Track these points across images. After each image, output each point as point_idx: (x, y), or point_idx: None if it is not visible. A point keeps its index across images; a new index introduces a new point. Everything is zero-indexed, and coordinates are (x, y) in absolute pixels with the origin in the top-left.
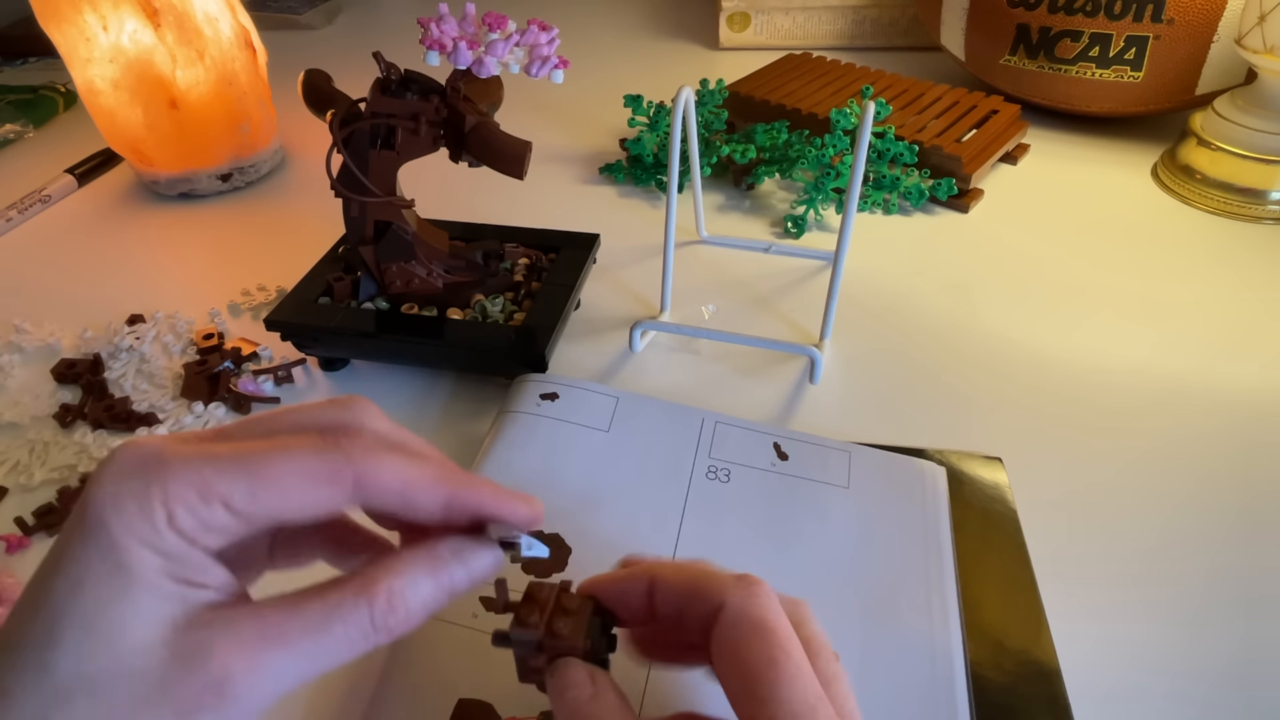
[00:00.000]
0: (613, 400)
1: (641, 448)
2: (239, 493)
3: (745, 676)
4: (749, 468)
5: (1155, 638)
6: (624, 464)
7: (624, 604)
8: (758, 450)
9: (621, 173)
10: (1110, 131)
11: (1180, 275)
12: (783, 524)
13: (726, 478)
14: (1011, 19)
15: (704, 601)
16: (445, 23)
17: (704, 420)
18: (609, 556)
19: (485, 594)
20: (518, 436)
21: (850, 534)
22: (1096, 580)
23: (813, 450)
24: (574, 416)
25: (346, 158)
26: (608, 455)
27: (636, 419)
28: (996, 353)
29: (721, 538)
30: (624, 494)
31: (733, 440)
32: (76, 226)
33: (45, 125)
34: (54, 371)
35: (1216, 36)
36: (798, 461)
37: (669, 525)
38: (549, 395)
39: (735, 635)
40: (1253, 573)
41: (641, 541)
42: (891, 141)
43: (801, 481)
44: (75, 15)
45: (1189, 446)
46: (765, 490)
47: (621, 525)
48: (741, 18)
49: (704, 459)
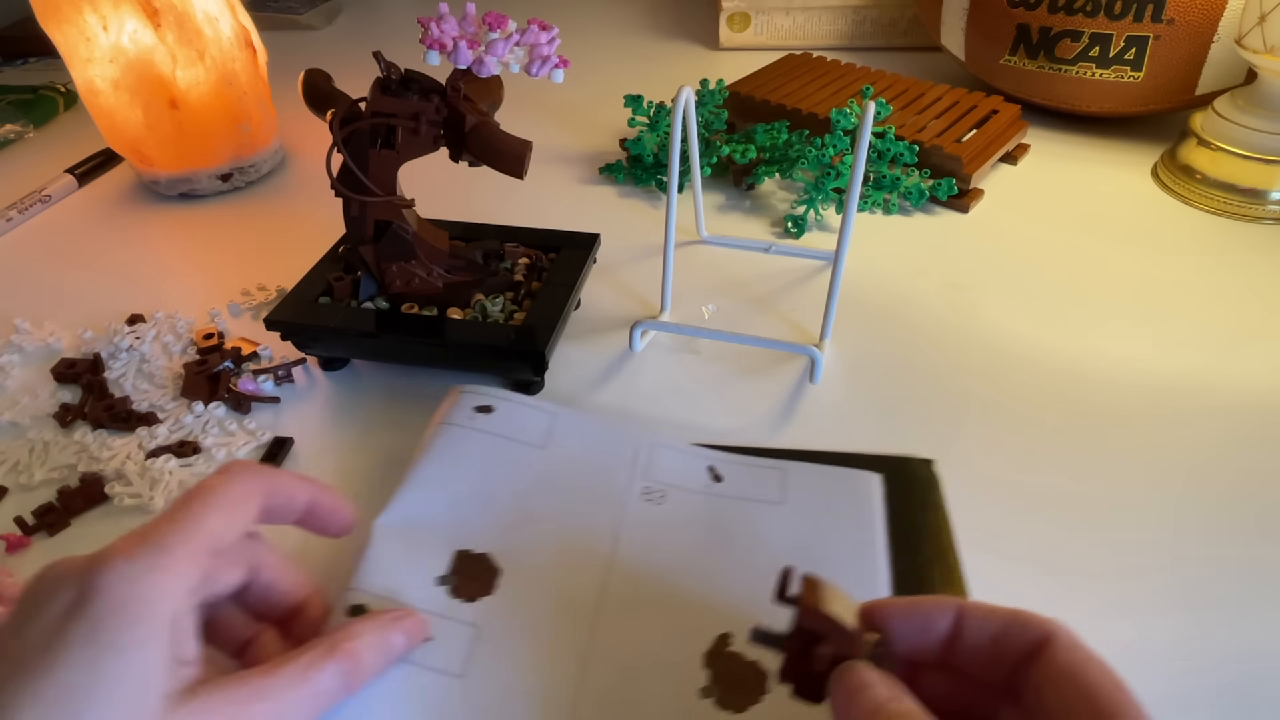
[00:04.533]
0: (550, 416)
1: (577, 466)
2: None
3: (1094, 696)
4: (684, 489)
5: (1156, 638)
6: (558, 483)
7: (924, 628)
8: (693, 473)
9: (621, 173)
10: (1110, 131)
11: (1180, 275)
12: (718, 543)
13: (661, 500)
14: (1011, 19)
15: (1027, 630)
16: (445, 22)
17: (640, 441)
18: (541, 579)
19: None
20: (449, 450)
21: (784, 551)
22: (1097, 579)
23: (748, 470)
24: (509, 431)
25: (346, 157)
26: (542, 473)
27: (573, 437)
28: (996, 352)
29: (657, 558)
30: (557, 514)
31: (668, 462)
32: (76, 226)
33: (45, 125)
34: (54, 371)
35: (1216, 36)
36: (733, 482)
37: (602, 547)
38: (484, 408)
39: (1076, 659)
40: (1254, 572)
41: (575, 563)
42: (891, 141)
43: (736, 502)
44: (75, 15)
45: (1189, 446)
46: (701, 512)
47: (553, 546)
48: (741, 18)
49: (639, 480)
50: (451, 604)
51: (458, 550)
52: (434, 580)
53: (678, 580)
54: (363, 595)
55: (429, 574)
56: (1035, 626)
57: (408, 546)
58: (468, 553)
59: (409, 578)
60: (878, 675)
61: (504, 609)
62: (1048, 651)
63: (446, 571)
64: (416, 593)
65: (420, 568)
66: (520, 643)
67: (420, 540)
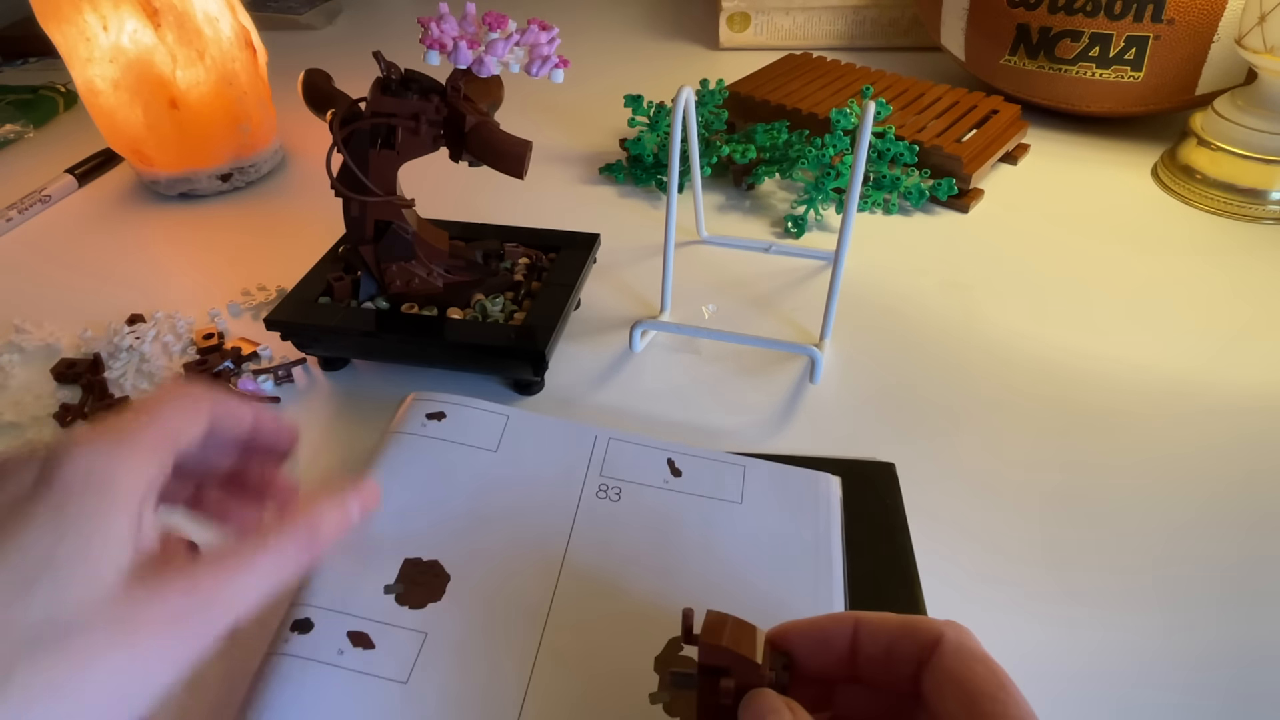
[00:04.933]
0: (502, 419)
1: (530, 468)
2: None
3: (973, 699)
4: (641, 485)
5: (1156, 638)
6: (511, 485)
7: (824, 645)
8: (651, 467)
9: (621, 173)
10: (1110, 131)
11: (1180, 275)
12: (673, 543)
13: (618, 496)
14: (1011, 19)
15: (919, 636)
16: (445, 22)
17: (596, 437)
18: (491, 583)
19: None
20: (400, 459)
21: (740, 551)
22: (1097, 578)
23: (707, 465)
24: (461, 436)
25: (346, 157)
26: (494, 476)
27: (526, 438)
28: (996, 352)
29: (609, 559)
30: (510, 517)
31: (626, 457)
32: (76, 226)
33: (45, 125)
34: (54, 371)
35: (1216, 36)
36: (691, 478)
37: (554, 547)
38: (435, 415)
39: (959, 662)
40: (1254, 572)
41: (526, 567)
42: (892, 141)
43: (693, 499)
44: (75, 15)
45: (1189, 446)
46: (656, 509)
47: (504, 550)
48: (741, 18)
49: (595, 477)
50: (398, 611)
51: (406, 559)
52: (382, 589)
53: (631, 581)
54: (310, 610)
55: (378, 582)
56: (925, 632)
57: (355, 558)
58: (417, 561)
59: (356, 587)
60: (781, 700)
61: (452, 615)
62: (935, 656)
63: (394, 580)
64: (364, 601)
65: (368, 577)
66: (468, 649)
67: (368, 550)
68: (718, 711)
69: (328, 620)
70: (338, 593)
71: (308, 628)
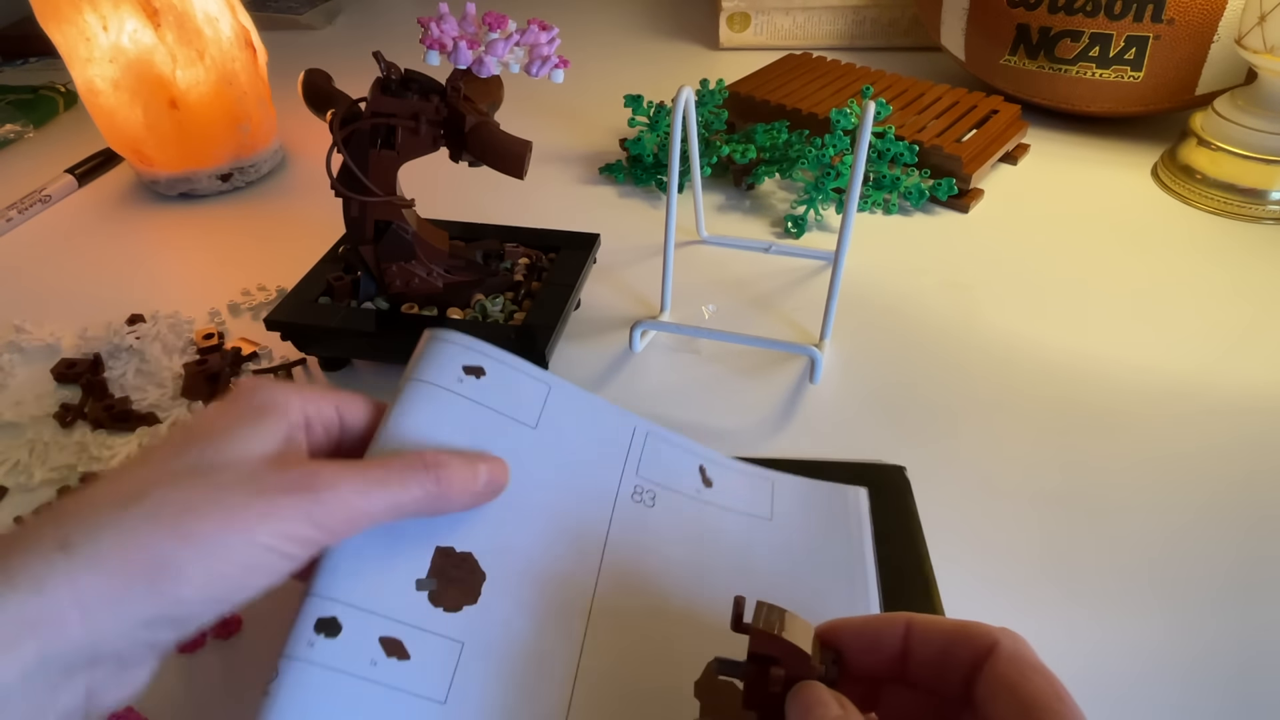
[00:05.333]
0: (544, 389)
1: (569, 455)
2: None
3: (1029, 708)
4: (674, 492)
5: (1156, 638)
6: (548, 473)
7: (875, 644)
8: (684, 472)
9: (621, 173)
10: (1110, 131)
11: (1180, 275)
12: (706, 561)
13: (652, 501)
14: (1011, 19)
15: (973, 642)
16: (445, 22)
17: (635, 429)
18: (527, 588)
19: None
20: (428, 415)
21: (773, 567)
22: (1098, 578)
23: (736, 477)
24: (500, 404)
25: (346, 157)
26: (532, 459)
27: (566, 417)
28: (996, 352)
29: (645, 572)
30: (545, 511)
31: (661, 457)
32: (76, 226)
33: (45, 125)
34: (54, 371)
35: (1216, 36)
36: (722, 488)
37: (591, 552)
38: (474, 369)
39: (1015, 671)
40: (1254, 572)
41: (563, 572)
42: (891, 141)
43: (725, 513)
44: (75, 15)
45: (1190, 446)
46: (689, 520)
47: (540, 550)
48: (741, 18)
49: (631, 477)
50: (433, 615)
51: (438, 547)
52: (414, 584)
53: (667, 598)
54: (335, 606)
55: (408, 574)
56: (980, 637)
57: (382, 535)
58: (449, 551)
59: (384, 578)
60: (830, 694)
61: (489, 623)
62: (990, 662)
63: (425, 573)
64: (395, 599)
65: (397, 566)
66: (505, 666)
67: (394, 532)
68: (765, 700)
69: (357, 621)
70: (365, 584)
71: (336, 629)
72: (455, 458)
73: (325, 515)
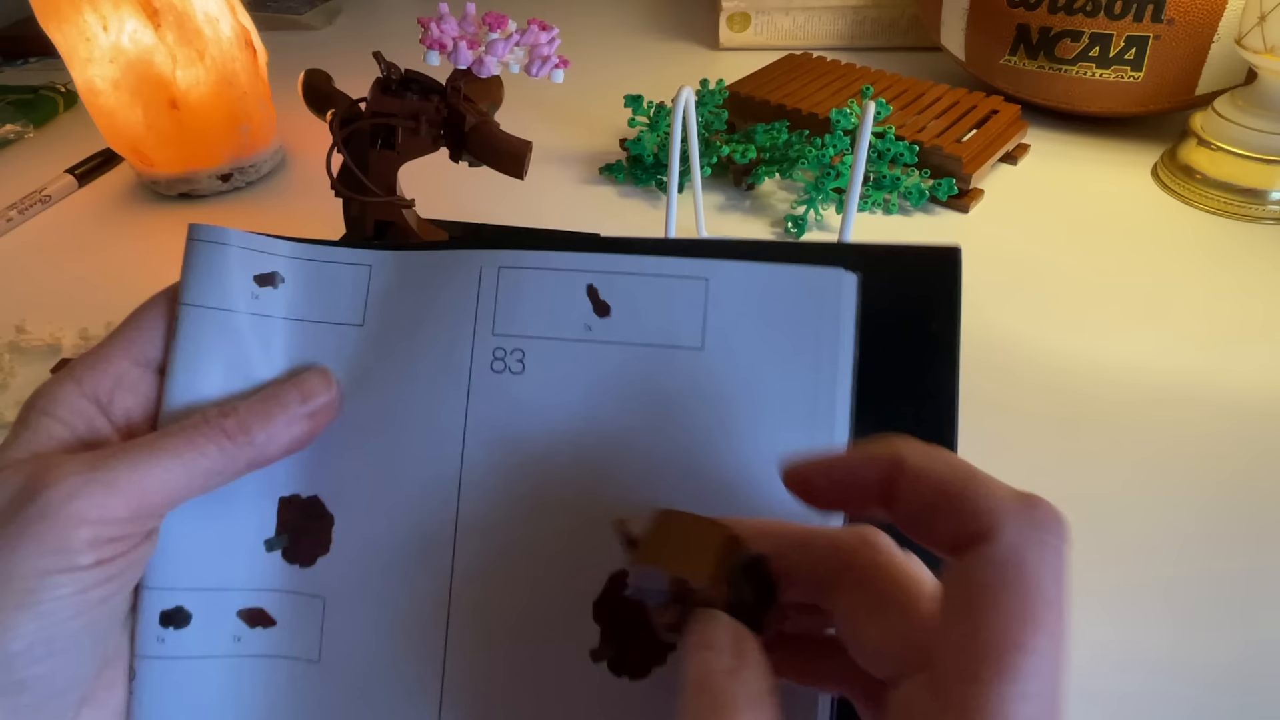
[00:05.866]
0: (364, 272)
1: (406, 341)
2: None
3: (974, 645)
4: (551, 340)
5: (1155, 638)
6: (385, 369)
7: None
8: (563, 305)
9: (621, 173)
10: (1110, 131)
11: (1180, 275)
12: (604, 433)
13: (520, 365)
14: (1011, 19)
15: (970, 518)
16: (445, 22)
17: (482, 269)
18: (380, 520)
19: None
20: (223, 353)
21: (704, 426)
22: (1098, 582)
23: (648, 289)
24: (311, 310)
25: (346, 158)
26: (362, 363)
27: (399, 295)
28: (996, 352)
29: (517, 462)
30: (387, 418)
31: (526, 294)
32: (76, 226)
33: (45, 125)
34: (54, 371)
35: (1216, 36)
36: (625, 314)
37: (447, 457)
38: (267, 278)
39: (989, 582)
40: (1254, 572)
41: (417, 491)
42: (891, 141)
43: (630, 351)
44: (75, 15)
45: (1189, 446)
46: (576, 376)
47: (386, 469)
48: (741, 18)
49: (486, 338)
50: (290, 572)
51: (281, 498)
52: (263, 545)
53: (550, 491)
54: (180, 594)
55: (255, 537)
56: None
57: (219, 504)
58: (293, 499)
59: (228, 548)
60: (727, 636)
61: (347, 569)
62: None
63: (274, 531)
64: (247, 567)
65: (241, 531)
66: (373, 611)
67: (231, 493)
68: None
69: (207, 602)
70: (207, 563)
71: (184, 619)
72: (251, 400)
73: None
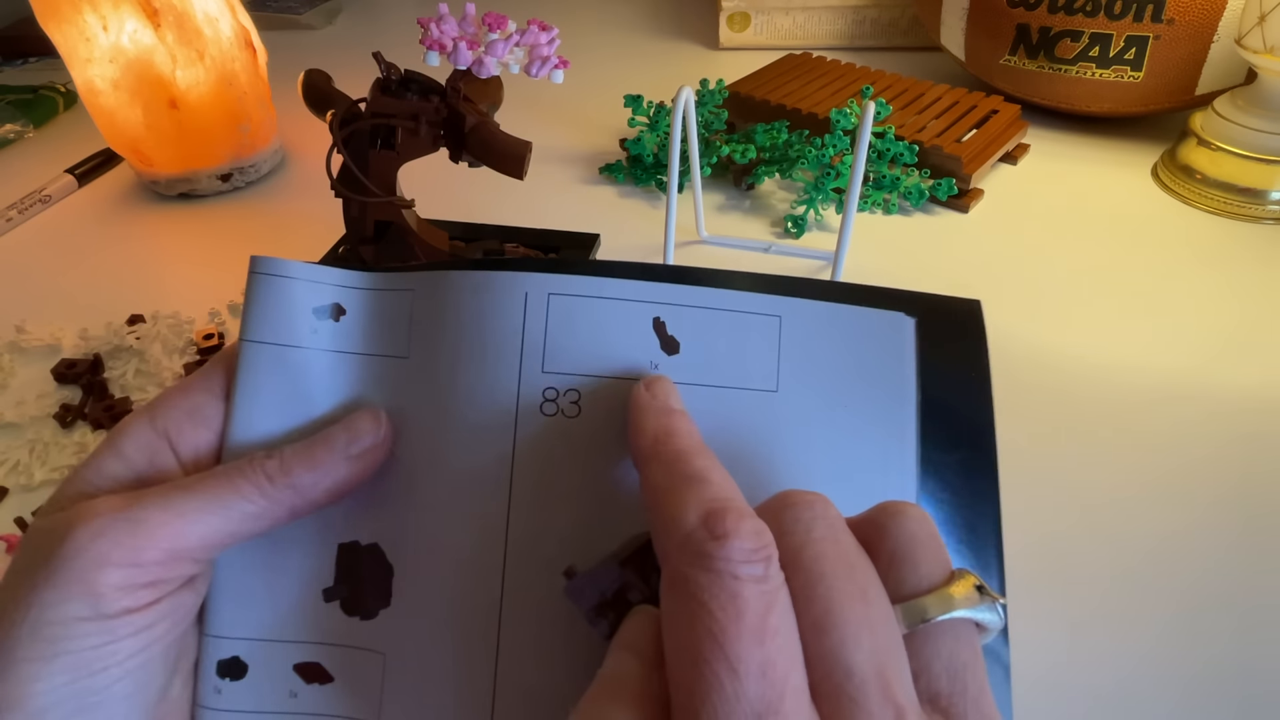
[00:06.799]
0: (406, 297)
1: (447, 375)
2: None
3: (675, 673)
4: (611, 380)
5: (1155, 638)
6: (431, 415)
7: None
8: (625, 340)
9: (621, 173)
10: (1110, 131)
11: (1180, 275)
12: None
13: (574, 407)
14: (1011, 19)
15: (658, 536)
16: (445, 23)
17: (528, 296)
18: (435, 573)
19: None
20: (283, 389)
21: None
22: (1098, 579)
23: (720, 326)
24: (366, 343)
25: (346, 158)
26: (414, 401)
27: (441, 322)
28: (996, 352)
29: (565, 518)
30: (434, 466)
31: (580, 326)
32: (76, 226)
33: (45, 125)
34: (54, 371)
35: (1216, 36)
36: (695, 350)
37: (494, 510)
38: (332, 310)
39: (672, 610)
40: (1254, 573)
41: (465, 539)
42: (891, 141)
43: (701, 392)
44: (75, 15)
45: (1189, 445)
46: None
47: (440, 517)
48: (741, 18)
49: (535, 374)
50: (349, 625)
51: (341, 544)
52: (321, 595)
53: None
54: (231, 643)
55: (313, 586)
56: (661, 534)
57: (274, 550)
58: (353, 546)
59: (285, 597)
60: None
61: (406, 625)
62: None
63: (333, 580)
64: (304, 618)
65: (298, 579)
66: (430, 672)
67: (287, 539)
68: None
69: (263, 654)
70: (263, 611)
71: (240, 670)
72: (298, 442)
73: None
